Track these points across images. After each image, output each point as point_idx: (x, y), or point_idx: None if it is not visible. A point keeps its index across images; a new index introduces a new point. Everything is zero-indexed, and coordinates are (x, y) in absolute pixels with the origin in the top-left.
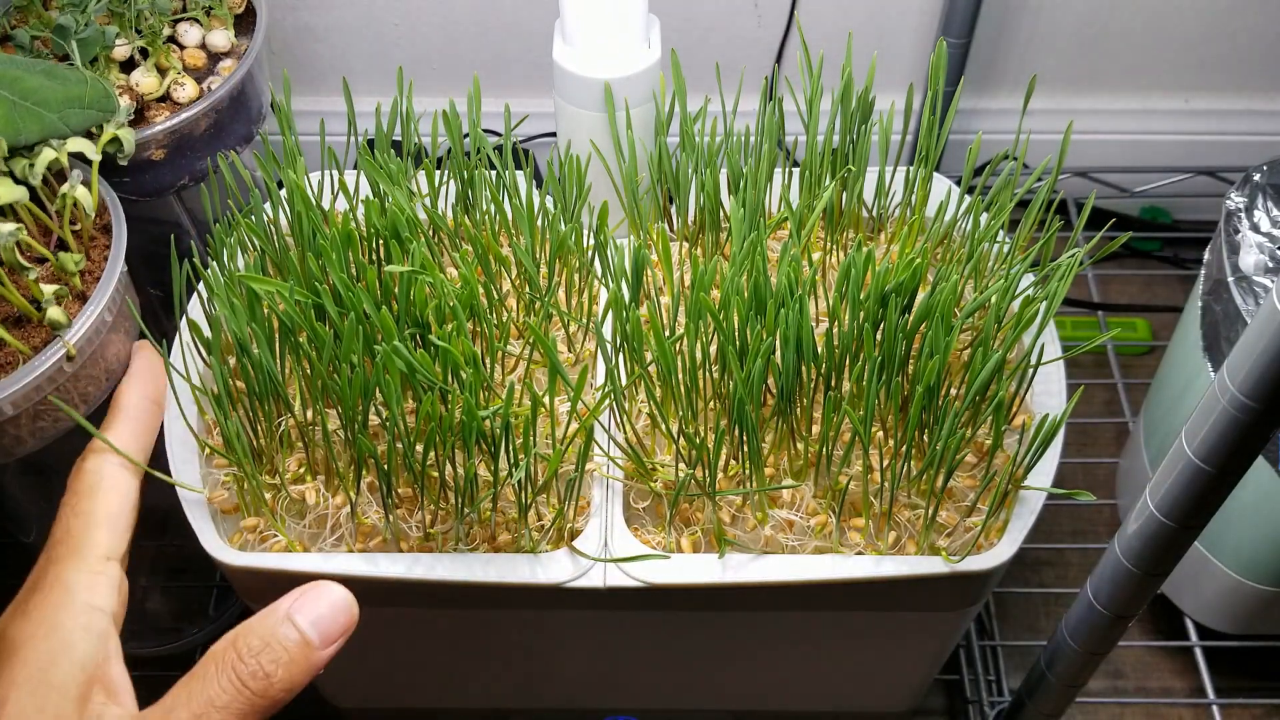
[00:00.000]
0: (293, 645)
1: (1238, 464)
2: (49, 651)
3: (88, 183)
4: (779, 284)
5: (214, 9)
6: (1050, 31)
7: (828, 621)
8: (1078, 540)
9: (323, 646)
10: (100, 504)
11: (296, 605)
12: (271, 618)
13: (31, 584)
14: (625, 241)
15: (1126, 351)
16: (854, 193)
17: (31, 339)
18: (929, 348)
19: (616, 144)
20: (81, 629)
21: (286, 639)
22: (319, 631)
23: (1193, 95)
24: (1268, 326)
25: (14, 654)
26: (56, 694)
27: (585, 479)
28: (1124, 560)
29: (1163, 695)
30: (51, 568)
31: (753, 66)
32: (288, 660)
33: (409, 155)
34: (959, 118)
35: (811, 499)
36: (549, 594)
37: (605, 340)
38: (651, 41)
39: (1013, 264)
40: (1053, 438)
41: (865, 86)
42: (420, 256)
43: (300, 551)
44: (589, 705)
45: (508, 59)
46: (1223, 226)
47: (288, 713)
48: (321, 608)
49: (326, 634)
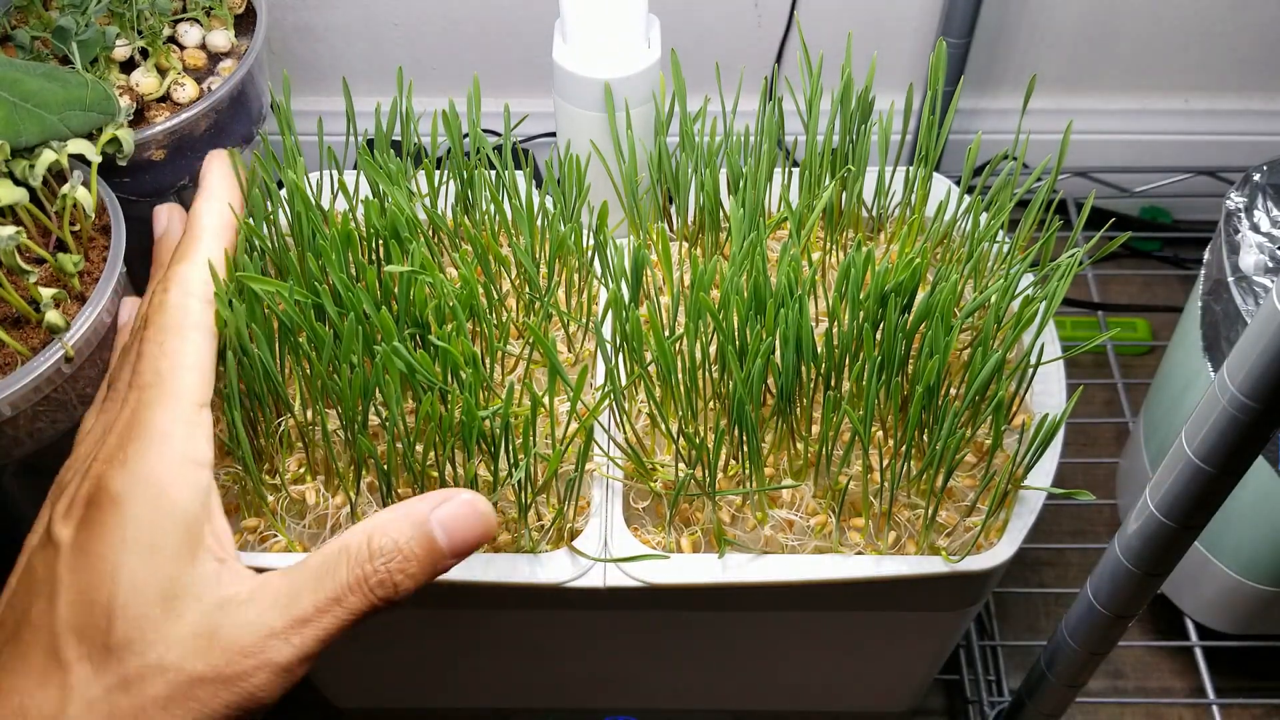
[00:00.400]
0: (424, 555)
1: (1238, 464)
2: (154, 510)
3: (87, 184)
4: (779, 284)
5: (214, 9)
6: (1050, 31)
7: (828, 621)
8: (1078, 540)
9: (452, 558)
10: (189, 344)
11: (439, 514)
12: (411, 519)
13: (124, 428)
14: (625, 241)
15: (1126, 351)
16: (854, 193)
17: (30, 340)
18: (929, 347)
19: (616, 144)
20: (185, 484)
21: (420, 548)
22: (453, 544)
23: (1193, 95)
24: (1268, 326)
25: (116, 508)
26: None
27: (585, 479)
28: (1124, 560)
29: (1163, 695)
30: (145, 413)
31: (753, 66)
32: (416, 571)
33: (409, 155)
34: (959, 118)
35: (811, 499)
36: (549, 594)
37: (605, 340)
38: (651, 41)
39: (1012, 264)
40: (1052, 438)
41: (865, 86)
42: (420, 257)
43: (300, 552)
44: (589, 705)
45: (508, 59)
46: (1223, 226)
47: (288, 713)
48: (462, 520)
49: (459, 547)
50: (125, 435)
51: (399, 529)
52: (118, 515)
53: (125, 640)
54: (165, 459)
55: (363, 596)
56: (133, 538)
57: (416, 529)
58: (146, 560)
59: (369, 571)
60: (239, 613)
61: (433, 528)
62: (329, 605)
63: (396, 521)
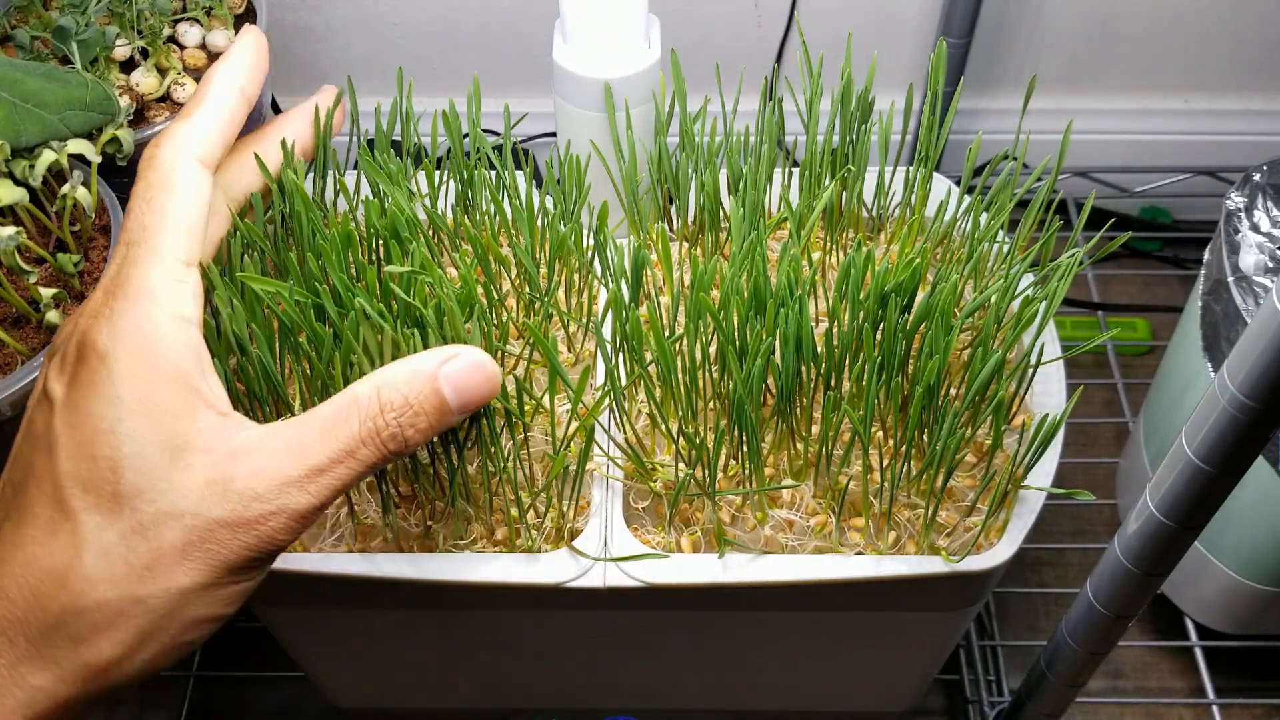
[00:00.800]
0: (434, 412)
1: (1238, 464)
2: (145, 365)
3: (87, 183)
4: (779, 284)
5: (214, 9)
6: (1050, 31)
7: (828, 621)
8: (1078, 540)
9: (459, 414)
10: (177, 201)
11: (447, 371)
12: (420, 376)
13: (109, 285)
14: (625, 241)
15: (1126, 351)
16: (854, 193)
17: (30, 340)
18: (929, 348)
19: (616, 144)
20: (173, 340)
21: (428, 403)
22: (461, 401)
23: (1193, 95)
24: (1268, 326)
25: (103, 364)
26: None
27: (585, 479)
28: (1124, 560)
29: (1162, 695)
30: (130, 269)
31: (753, 66)
32: (425, 426)
33: (409, 155)
34: (959, 118)
35: (811, 499)
36: (549, 594)
37: (605, 340)
38: (651, 41)
39: (1012, 264)
40: (1052, 438)
41: (865, 86)
42: (420, 257)
43: (300, 551)
44: (589, 705)
45: (508, 59)
46: (1223, 226)
47: (289, 713)
48: (470, 377)
49: (466, 404)
50: (110, 291)
51: (408, 384)
52: (105, 371)
53: (135, 489)
54: (151, 316)
55: (375, 449)
56: (127, 394)
57: (426, 384)
58: (144, 416)
59: (380, 425)
60: (250, 461)
61: (441, 384)
62: (343, 456)
63: (405, 376)
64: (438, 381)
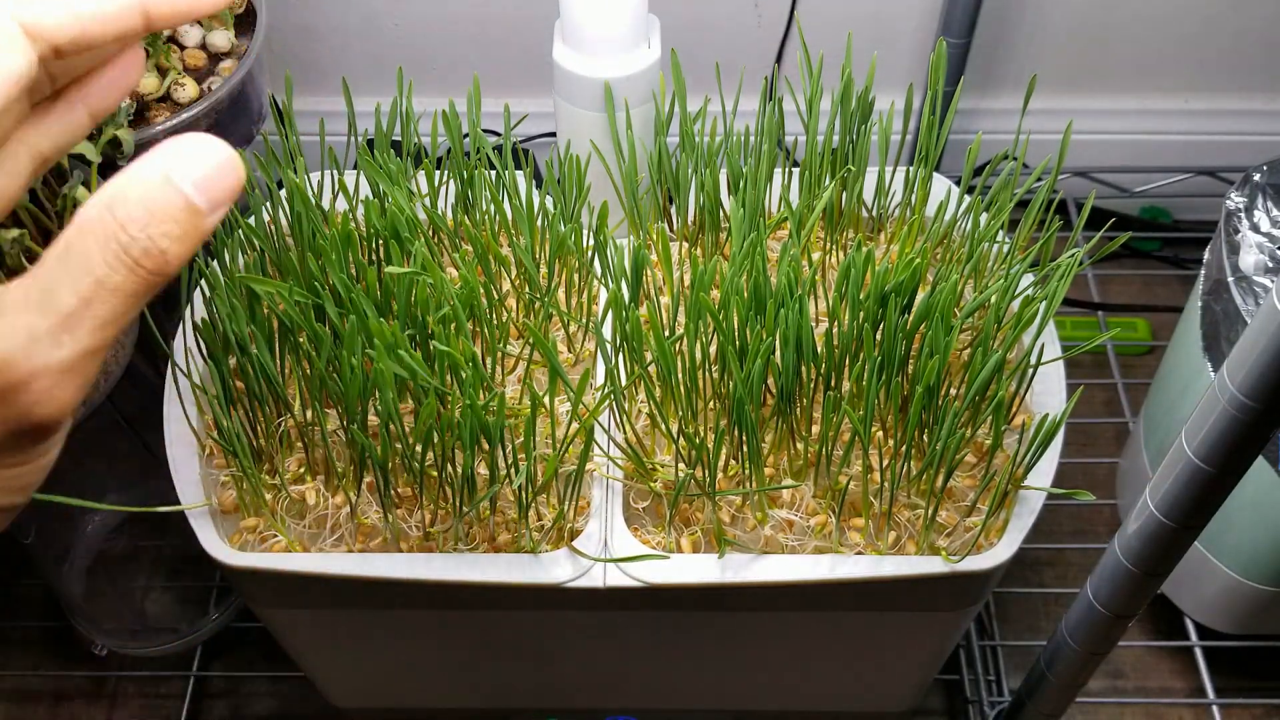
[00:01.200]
0: (181, 215)
1: (1238, 464)
2: None
3: (87, 183)
4: (779, 284)
5: None
6: (1050, 31)
7: (828, 621)
8: (1078, 540)
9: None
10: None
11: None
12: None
13: None
14: (625, 241)
15: (1126, 351)
16: (854, 193)
17: None
18: (929, 348)
19: (616, 144)
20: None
21: (172, 206)
22: (207, 198)
23: (1193, 95)
24: (1268, 326)
25: None
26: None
27: (585, 479)
28: (1124, 560)
29: (1162, 695)
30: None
31: (753, 66)
32: (179, 234)
33: (409, 155)
34: (959, 118)
35: (811, 499)
36: (549, 594)
37: (605, 340)
38: (651, 41)
39: (1012, 264)
40: (1052, 438)
41: (865, 86)
42: (420, 257)
43: (300, 552)
44: (589, 705)
45: (508, 59)
46: (1223, 226)
47: (288, 713)
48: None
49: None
50: None
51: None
52: None
53: None
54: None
55: (129, 272)
56: None
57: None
58: None
59: (128, 245)
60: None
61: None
62: (93, 291)
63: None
64: (172, 178)
